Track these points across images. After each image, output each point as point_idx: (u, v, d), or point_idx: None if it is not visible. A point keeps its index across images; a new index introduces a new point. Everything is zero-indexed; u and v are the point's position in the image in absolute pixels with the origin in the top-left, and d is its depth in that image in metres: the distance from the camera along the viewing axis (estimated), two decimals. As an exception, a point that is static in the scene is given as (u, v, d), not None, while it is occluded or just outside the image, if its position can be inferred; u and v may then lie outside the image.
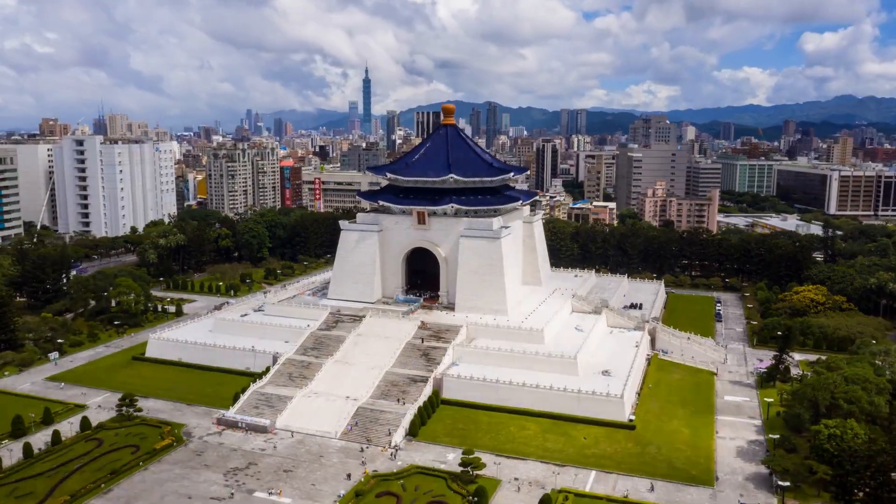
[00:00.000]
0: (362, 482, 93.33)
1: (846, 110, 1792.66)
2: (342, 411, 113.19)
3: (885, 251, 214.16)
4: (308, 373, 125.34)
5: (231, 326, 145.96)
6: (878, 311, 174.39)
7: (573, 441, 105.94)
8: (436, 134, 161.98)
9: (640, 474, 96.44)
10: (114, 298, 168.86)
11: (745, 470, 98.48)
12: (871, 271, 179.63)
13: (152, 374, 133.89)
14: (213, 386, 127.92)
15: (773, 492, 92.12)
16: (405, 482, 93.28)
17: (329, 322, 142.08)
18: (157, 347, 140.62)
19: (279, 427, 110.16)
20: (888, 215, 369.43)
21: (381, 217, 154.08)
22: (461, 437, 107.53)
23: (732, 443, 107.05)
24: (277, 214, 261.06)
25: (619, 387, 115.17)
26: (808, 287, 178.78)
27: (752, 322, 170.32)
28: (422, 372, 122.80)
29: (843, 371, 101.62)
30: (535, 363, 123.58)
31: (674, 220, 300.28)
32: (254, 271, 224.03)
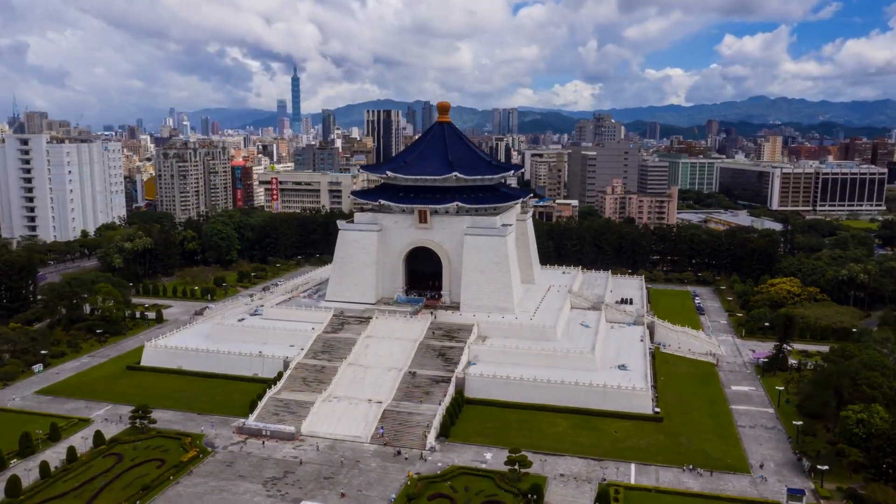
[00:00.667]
0: (409, 485, 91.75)
1: (760, 110, 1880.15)
2: (367, 415, 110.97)
3: (846, 244, 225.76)
4: (323, 377, 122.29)
5: (230, 331, 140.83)
6: (848, 301, 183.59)
7: (605, 435, 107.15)
8: (431, 132, 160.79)
9: (679, 465, 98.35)
10: (91, 305, 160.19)
11: (774, 456, 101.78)
12: (840, 263, 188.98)
13: (153, 383, 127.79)
14: (222, 394, 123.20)
15: (807, 476, 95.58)
16: (452, 483, 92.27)
17: (334, 324, 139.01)
18: (153, 356, 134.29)
19: (304, 433, 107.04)
20: (825, 210, 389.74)
21: (379, 216, 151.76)
22: (494, 436, 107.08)
23: (752, 431, 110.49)
24: (245, 215, 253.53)
25: (641, 380, 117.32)
26: (783, 279, 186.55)
27: (737, 314, 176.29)
28: (442, 372, 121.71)
29: (860, 358, 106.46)
30: (552, 360, 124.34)
31: (635, 217, 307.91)
32: (226, 274, 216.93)
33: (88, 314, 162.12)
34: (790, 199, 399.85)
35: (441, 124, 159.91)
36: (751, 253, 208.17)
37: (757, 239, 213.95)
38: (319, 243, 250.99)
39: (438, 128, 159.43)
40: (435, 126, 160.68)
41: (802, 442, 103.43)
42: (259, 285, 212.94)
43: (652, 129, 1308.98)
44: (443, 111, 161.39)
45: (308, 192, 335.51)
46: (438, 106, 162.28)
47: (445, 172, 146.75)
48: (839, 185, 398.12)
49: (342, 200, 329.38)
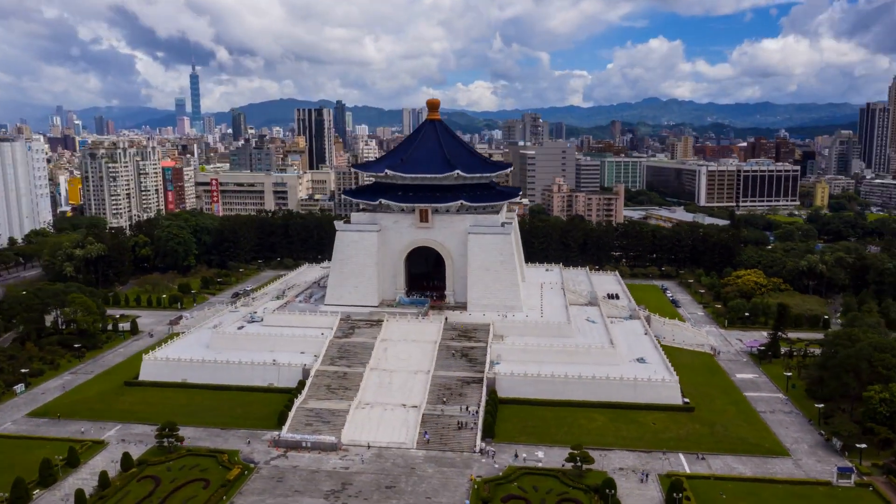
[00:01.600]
0: (476, 489, 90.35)
1: (653, 112, 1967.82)
2: (406, 420, 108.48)
3: (791, 236, 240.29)
4: (348, 383, 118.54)
5: (232, 340, 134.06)
6: (807, 290, 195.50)
7: (644, 427, 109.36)
8: (422, 129, 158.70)
9: (722, 452, 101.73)
10: (63, 318, 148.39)
11: (804, 439, 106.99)
12: (797, 255, 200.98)
13: (158, 399, 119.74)
14: (239, 406, 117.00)
15: (840, 455, 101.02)
16: (519, 484, 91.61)
17: (344, 329, 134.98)
18: (153, 369, 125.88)
19: (345, 443, 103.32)
20: (747, 206, 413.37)
21: (378, 216, 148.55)
22: (538, 434, 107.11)
23: (774, 416, 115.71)
24: (199, 219, 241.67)
25: (666, 372, 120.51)
26: (748, 271, 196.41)
27: (715, 306, 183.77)
28: (470, 373, 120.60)
29: (868, 341, 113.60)
30: (574, 356, 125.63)
31: (583, 214, 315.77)
32: (187, 281, 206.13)
33: (63, 328, 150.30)
34: (715, 196, 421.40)
35: (432, 122, 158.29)
36: (712, 247, 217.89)
37: (718, 233, 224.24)
38: (279, 246, 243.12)
39: (430, 125, 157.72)
40: (426, 124, 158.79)
41: (826, 424, 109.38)
42: (226, 291, 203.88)
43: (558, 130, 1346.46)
44: (432, 109, 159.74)
45: (251, 194, 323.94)
46: (428, 103, 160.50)
47: (446, 170, 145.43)
48: (759, 182, 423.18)
49: (288, 201, 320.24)
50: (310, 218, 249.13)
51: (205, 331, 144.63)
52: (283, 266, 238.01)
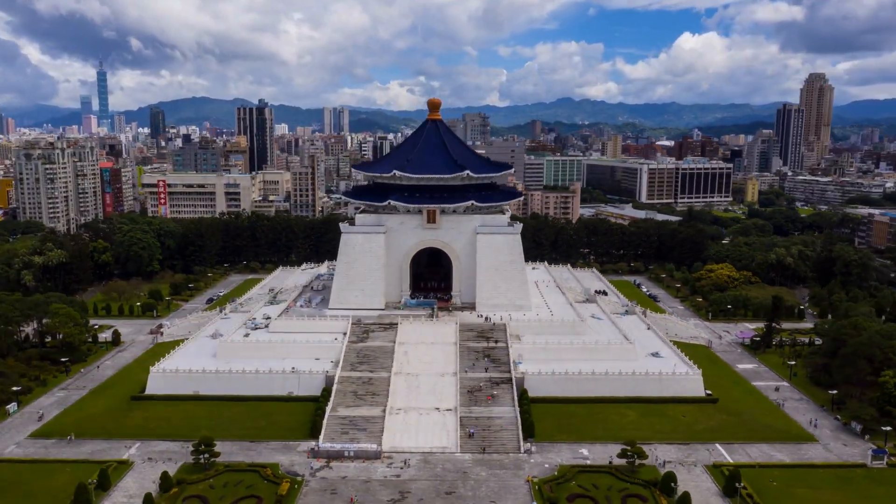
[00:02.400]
0: (538, 490, 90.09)
1: (567, 111, 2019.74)
2: (443, 423, 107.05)
3: (748, 231, 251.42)
4: (375, 389, 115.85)
5: (241, 349, 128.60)
6: (773, 282, 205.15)
7: (675, 420, 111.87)
8: (424, 129, 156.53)
9: (755, 440, 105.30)
10: (44, 330, 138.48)
11: (821, 424, 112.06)
12: (763, 249, 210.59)
13: (173, 413, 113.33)
14: (262, 417, 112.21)
15: (861, 438, 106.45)
16: (577, 482, 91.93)
17: (358, 333, 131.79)
18: (161, 382, 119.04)
19: (387, 450, 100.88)
20: (686, 202, 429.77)
21: (383, 217, 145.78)
22: (576, 431, 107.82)
23: (787, 403, 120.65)
24: (166, 222, 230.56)
25: (685, 365, 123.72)
26: (720, 265, 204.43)
27: (696, 299, 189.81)
28: (495, 373, 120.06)
29: (874, 329, 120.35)
30: (594, 353, 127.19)
31: (540, 212, 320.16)
32: (154, 287, 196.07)
33: (46, 340, 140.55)
34: (655, 193, 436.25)
35: (434, 122, 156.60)
36: (681, 243, 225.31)
37: (686, 229, 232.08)
38: (245, 249, 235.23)
39: (432, 125, 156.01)
40: (428, 123, 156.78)
41: (839, 409, 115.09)
42: (199, 297, 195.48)
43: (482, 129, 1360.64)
44: (434, 108, 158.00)
45: (201, 196, 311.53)
46: (429, 103, 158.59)
47: (454, 171, 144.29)
48: (695, 179, 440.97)
49: (241, 203, 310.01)
50: (277, 220, 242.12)
51: (204, 339, 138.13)
52: (250, 269, 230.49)
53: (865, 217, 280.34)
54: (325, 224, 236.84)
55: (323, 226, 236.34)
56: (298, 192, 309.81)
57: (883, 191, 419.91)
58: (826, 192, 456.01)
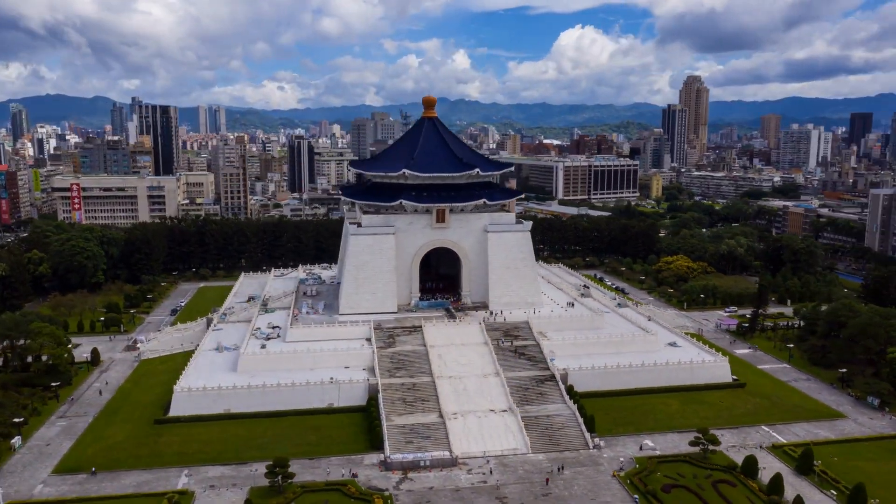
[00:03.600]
0: (629, 484, 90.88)
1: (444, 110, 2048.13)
2: (505, 425, 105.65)
3: (687, 224, 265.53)
4: (423, 394, 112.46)
5: (263, 361, 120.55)
6: (725, 271, 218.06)
7: (714, 406, 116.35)
8: (422, 128, 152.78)
9: (795, 420, 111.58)
10: (28, 352, 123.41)
11: (838, 401, 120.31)
12: (714, 240, 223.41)
13: (207, 435, 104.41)
14: (308, 432, 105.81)
15: (880, 411, 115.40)
16: (662, 473, 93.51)
17: (383, 338, 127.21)
18: (186, 403, 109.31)
19: (461, 456, 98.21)
20: (598, 197, 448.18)
21: (392, 218, 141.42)
22: (630, 423, 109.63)
23: (798, 384, 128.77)
24: (107, 229, 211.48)
25: (708, 354, 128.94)
26: (676, 257, 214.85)
27: (668, 290, 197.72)
28: (536, 371, 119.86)
29: (872, 310, 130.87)
30: (620, 346, 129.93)
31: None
32: (112, 299, 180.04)
33: (28, 363, 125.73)
34: (570, 190, 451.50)
35: (431, 120, 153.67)
36: (634, 237, 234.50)
37: (638, 224, 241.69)
38: (193, 256, 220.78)
39: (430, 123, 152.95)
40: (425, 122, 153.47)
41: (848, 386, 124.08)
42: (158, 309, 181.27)
43: None
44: (429, 106, 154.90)
45: (120, 200, 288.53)
46: (424, 101, 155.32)
47: (462, 169, 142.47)
48: (607, 176, 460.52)
49: (166, 207, 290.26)
50: (227, 223, 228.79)
51: (210, 354, 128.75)
52: (200, 277, 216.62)
53: (781, 209, 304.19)
54: (278, 227, 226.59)
55: (277, 229, 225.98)
56: (229, 195, 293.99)
57: (772, 184, 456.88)
58: (721, 186, 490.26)
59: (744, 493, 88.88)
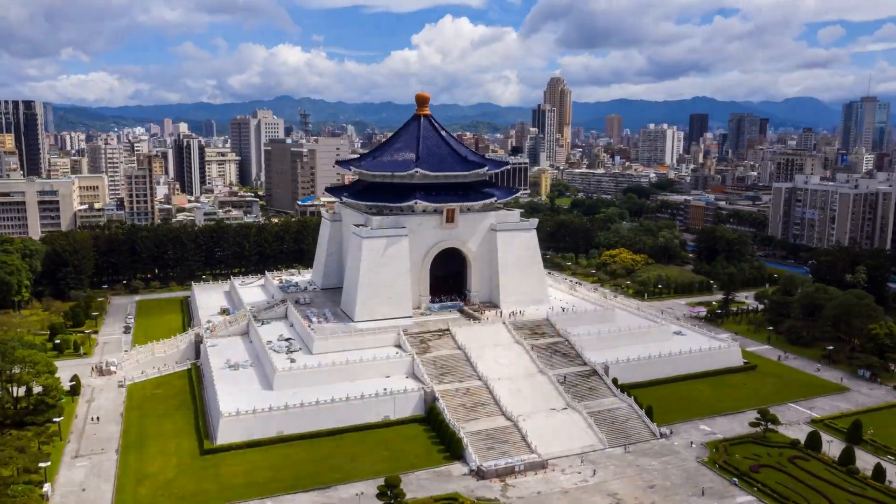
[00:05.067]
0: (718, 468, 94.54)
1: (288, 108, 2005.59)
2: (573, 423, 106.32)
3: (612, 219, 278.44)
4: (480, 398, 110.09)
5: (300, 378, 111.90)
6: (660, 262, 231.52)
7: (740, 388, 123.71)
8: (418, 126, 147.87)
9: (812, 396, 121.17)
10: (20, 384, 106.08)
11: (834, 376, 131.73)
12: (649, 233, 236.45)
13: (269, 461, 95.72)
14: (379, 447, 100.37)
15: (872, 381, 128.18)
16: (741, 455, 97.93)
17: (416, 345, 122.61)
18: (235, 429, 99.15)
19: (547, 458, 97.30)
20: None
21: (402, 219, 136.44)
22: (680, 411, 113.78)
23: (790, 362, 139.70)
24: (26, 241, 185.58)
25: (717, 341, 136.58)
26: (619, 250, 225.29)
27: (625, 282, 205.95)
28: (577, 367, 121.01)
29: (848, 293, 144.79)
30: (636, 337, 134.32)
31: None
32: (52, 318, 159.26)
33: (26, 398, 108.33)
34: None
35: (427, 118, 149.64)
36: (574, 232, 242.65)
37: (575, 219, 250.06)
38: (124, 267, 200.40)
39: (426, 121, 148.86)
40: (421, 119, 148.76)
41: (833, 362, 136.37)
42: (106, 328, 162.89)
43: (208, 127, 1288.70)
44: (422, 103, 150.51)
45: (3, 208, 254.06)
46: (418, 98, 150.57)
47: (470, 167, 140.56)
48: (501, 174, 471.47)
49: (60, 214, 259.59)
50: (160, 231, 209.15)
51: (227, 372, 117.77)
52: (132, 290, 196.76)
53: (683, 202, 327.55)
54: (217, 233, 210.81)
55: (216, 235, 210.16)
56: (134, 199, 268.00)
57: (649, 180, 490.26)
58: (602, 182, 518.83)
59: (819, 466, 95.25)
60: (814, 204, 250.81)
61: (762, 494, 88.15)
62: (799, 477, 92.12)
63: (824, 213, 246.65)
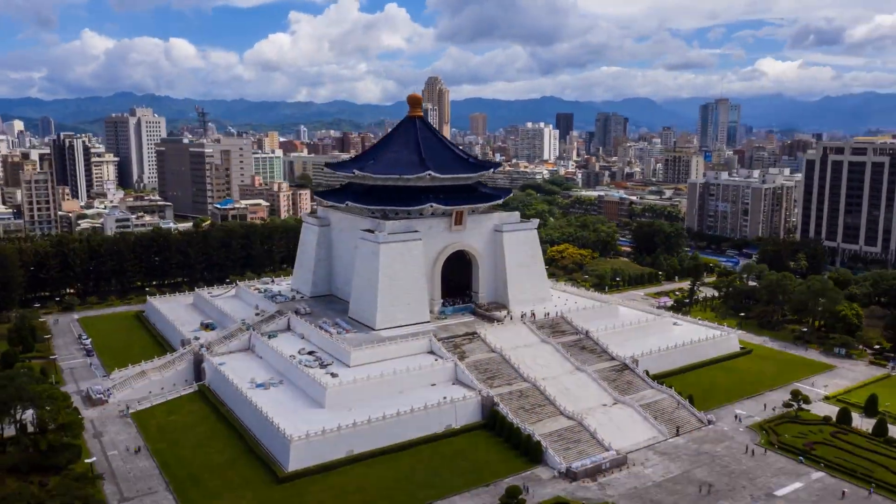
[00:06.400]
0: (777, 448, 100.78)
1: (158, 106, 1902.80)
2: (631, 417, 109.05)
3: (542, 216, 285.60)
4: (534, 400, 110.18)
5: (352, 392, 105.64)
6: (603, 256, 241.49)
7: (749, 373, 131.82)
8: (414, 127, 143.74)
9: (810, 374, 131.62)
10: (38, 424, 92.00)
11: (814, 355, 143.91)
12: (588, 229, 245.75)
13: (352, 483, 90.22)
14: (454, 458, 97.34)
15: (851, 358, 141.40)
16: (788, 435, 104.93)
17: (450, 349, 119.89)
18: (308, 452, 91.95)
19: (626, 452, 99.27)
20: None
21: (413, 223, 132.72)
22: (712, 397, 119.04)
23: (770, 345, 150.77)
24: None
25: (713, 329, 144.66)
26: (562, 246, 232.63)
27: (584, 276, 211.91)
28: (607, 362, 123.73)
29: (812, 279, 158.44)
30: (644, 330, 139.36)
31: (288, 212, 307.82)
32: None
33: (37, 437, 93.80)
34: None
35: (422, 119, 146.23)
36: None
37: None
38: (55, 281, 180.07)
39: (421, 123, 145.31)
40: (417, 121, 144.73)
41: (805, 342, 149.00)
42: (62, 352, 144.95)
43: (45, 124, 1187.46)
44: (415, 104, 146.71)
45: None
46: (410, 99, 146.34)
47: (476, 169, 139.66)
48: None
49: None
50: (95, 240, 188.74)
51: (258, 393, 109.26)
52: (65, 307, 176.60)
53: (597, 198, 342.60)
54: (159, 241, 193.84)
55: (157, 244, 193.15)
56: (36, 206, 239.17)
57: (542, 177, 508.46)
58: (497, 180, 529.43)
59: (858, 440, 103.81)
60: (726, 198, 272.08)
61: (830, 469, 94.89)
62: (848, 450, 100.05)
63: (736, 206, 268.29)
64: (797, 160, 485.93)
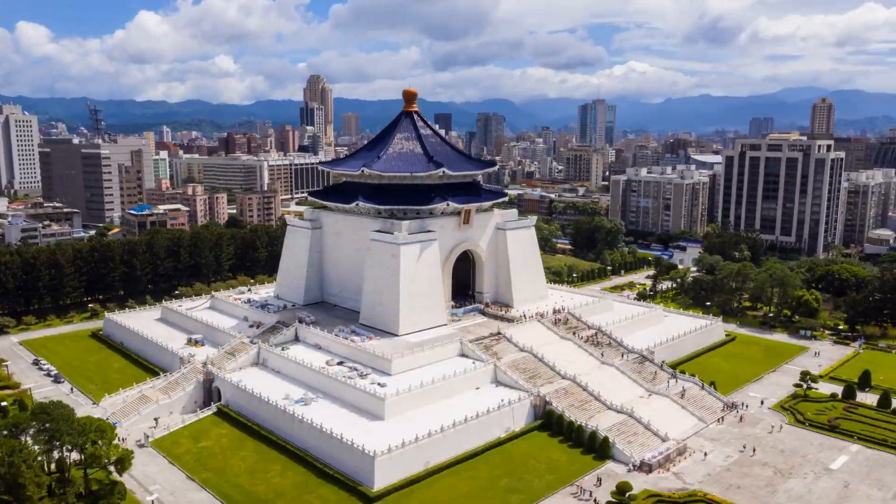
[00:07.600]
0: (808, 425, 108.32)
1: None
2: (670, 407, 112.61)
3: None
4: (579, 397, 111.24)
5: (407, 401, 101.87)
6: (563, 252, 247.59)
7: (743, 357, 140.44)
8: (408, 123, 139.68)
9: (794, 356, 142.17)
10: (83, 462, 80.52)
11: (786, 338, 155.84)
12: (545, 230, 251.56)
13: (441, 496, 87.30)
14: (528, 461, 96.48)
15: (813, 338, 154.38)
16: (809, 413, 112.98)
17: (483, 351, 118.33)
18: (391, 468, 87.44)
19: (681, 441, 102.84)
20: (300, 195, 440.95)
21: (426, 222, 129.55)
22: (722, 383, 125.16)
23: (742, 331, 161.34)
24: None
25: (700, 319, 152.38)
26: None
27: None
28: (630, 355, 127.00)
29: (769, 268, 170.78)
30: (645, 323, 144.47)
31: (239, 216, 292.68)
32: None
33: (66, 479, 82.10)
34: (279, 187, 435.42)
35: (418, 114, 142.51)
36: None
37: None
38: (13, 296, 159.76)
39: (419, 118, 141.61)
40: (413, 116, 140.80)
41: (772, 327, 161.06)
42: (23, 376, 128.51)
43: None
44: (411, 99, 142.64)
45: None
46: (405, 94, 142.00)
47: (481, 167, 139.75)
48: (305, 174, 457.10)
49: None
50: (29, 252, 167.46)
51: (299, 407, 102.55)
52: (23, 325, 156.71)
53: (517, 196, 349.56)
54: (100, 253, 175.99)
55: (98, 255, 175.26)
56: None
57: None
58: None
59: (868, 413, 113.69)
60: (647, 193, 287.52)
61: (864, 442, 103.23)
62: (867, 423, 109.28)
63: (657, 201, 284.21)
64: (678, 157, 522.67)
